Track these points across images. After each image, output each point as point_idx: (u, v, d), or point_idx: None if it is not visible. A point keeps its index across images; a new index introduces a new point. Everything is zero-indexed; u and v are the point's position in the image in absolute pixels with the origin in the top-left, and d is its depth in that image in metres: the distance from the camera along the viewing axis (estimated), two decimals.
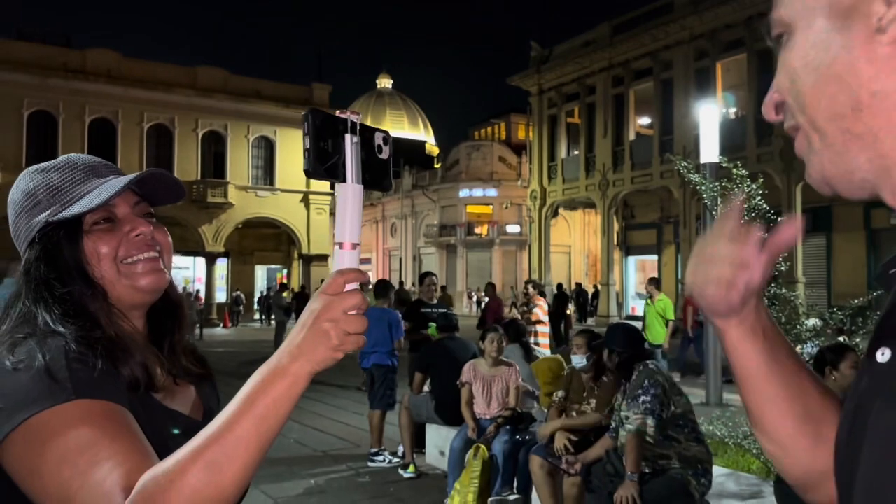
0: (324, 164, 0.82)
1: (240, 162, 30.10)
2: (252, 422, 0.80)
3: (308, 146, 0.81)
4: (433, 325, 6.97)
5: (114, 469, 0.82)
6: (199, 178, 28.88)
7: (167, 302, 1.14)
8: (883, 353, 0.59)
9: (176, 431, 1.01)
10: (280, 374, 0.81)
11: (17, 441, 0.85)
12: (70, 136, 26.65)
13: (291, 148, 31.11)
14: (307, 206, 31.55)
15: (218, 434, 0.81)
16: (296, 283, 30.53)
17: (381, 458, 6.48)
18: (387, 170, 0.88)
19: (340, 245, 0.84)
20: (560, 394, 4.88)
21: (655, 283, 12.13)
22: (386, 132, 0.89)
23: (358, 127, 0.83)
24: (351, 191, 0.83)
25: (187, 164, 28.60)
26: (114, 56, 27.97)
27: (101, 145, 27.35)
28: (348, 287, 0.83)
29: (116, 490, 0.81)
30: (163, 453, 0.85)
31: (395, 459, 6.46)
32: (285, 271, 33.06)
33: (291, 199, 31.03)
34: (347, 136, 0.83)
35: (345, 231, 0.84)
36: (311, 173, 0.82)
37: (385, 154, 0.88)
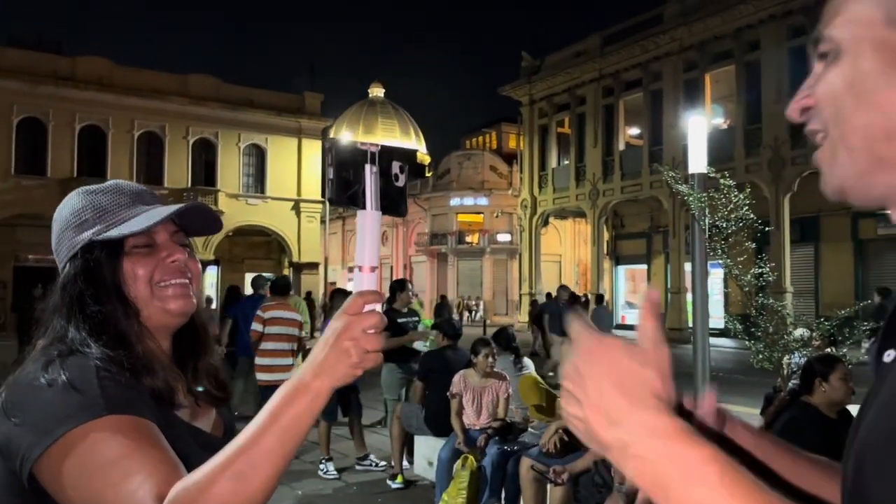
0: (346, 192, 0.88)
1: (231, 170, 30.03)
2: (276, 435, 0.86)
3: (332, 176, 0.88)
4: (427, 321, 6.90)
5: (146, 480, 0.87)
6: (189, 185, 28.80)
7: (192, 326, 1.20)
8: (889, 355, 0.61)
9: (198, 447, 1.04)
10: (303, 391, 0.88)
11: (54, 455, 0.90)
12: (60, 143, 26.55)
13: (283, 156, 31.08)
14: (298, 213, 31.48)
15: (245, 447, 0.86)
16: None
17: (322, 467, 6.38)
18: (403, 196, 0.94)
19: (360, 268, 0.90)
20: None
21: None
22: (404, 161, 0.95)
23: (377, 157, 0.89)
24: (370, 217, 0.89)
25: (178, 172, 28.52)
26: (105, 63, 27.88)
27: (92, 153, 27.27)
28: (367, 308, 0.88)
29: (149, 500, 0.85)
30: (186, 468, 0.90)
31: (333, 473, 6.34)
32: (288, 279, 32.89)
33: (282, 207, 30.96)
34: (367, 167, 0.89)
35: (364, 255, 0.90)
36: (334, 201, 0.90)
37: (401, 182, 0.94)
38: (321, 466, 6.40)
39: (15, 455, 0.92)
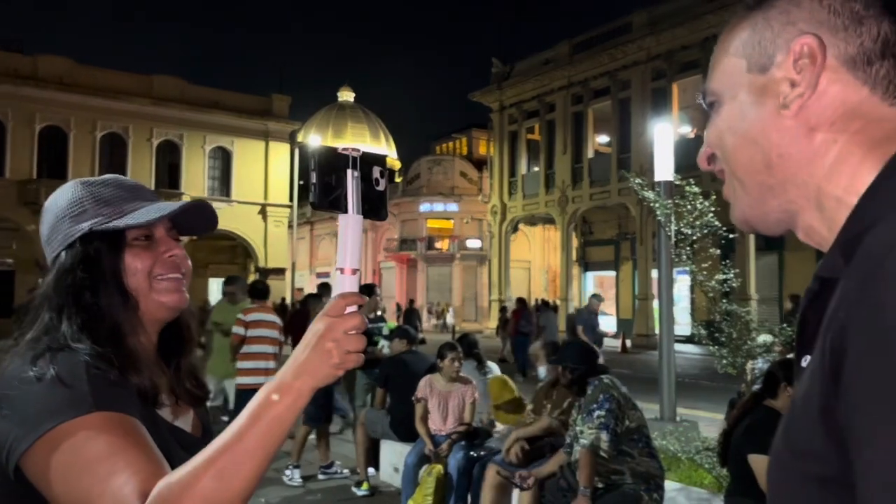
0: (328, 196, 0.91)
1: (195, 172, 29.63)
2: (258, 434, 0.88)
3: (315, 181, 0.90)
4: (391, 324, 6.89)
5: (131, 477, 0.88)
6: (153, 188, 28.29)
7: (178, 323, 1.21)
8: (805, 359, 0.66)
9: (178, 447, 1.05)
10: (285, 391, 0.89)
11: (41, 450, 0.91)
12: (19, 144, 25.99)
13: (249, 159, 30.76)
14: (265, 218, 31.17)
15: (227, 445, 0.87)
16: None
17: (288, 473, 6.30)
18: (383, 200, 0.96)
19: (342, 270, 0.92)
20: (529, 407, 4.92)
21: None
22: (383, 166, 0.97)
23: (358, 162, 0.92)
24: (352, 221, 0.92)
25: (141, 174, 28.03)
26: (66, 62, 27.36)
27: (53, 153, 26.72)
28: (349, 309, 0.90)
29: (133, 496, 0.87)
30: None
31: (298, 481, 6.27)
32: (267, 283, 32.49)
33: (248, 211, 30.62)
34: (349, 171, 0.91)
35: (346, 258, 0.92)
36: (317, 205, 0.91)
37: (382, 186, 0.96)
38: (287, 473, 6.31)
39: (1, 448, 0.94)
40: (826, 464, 0.58)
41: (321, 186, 0.90)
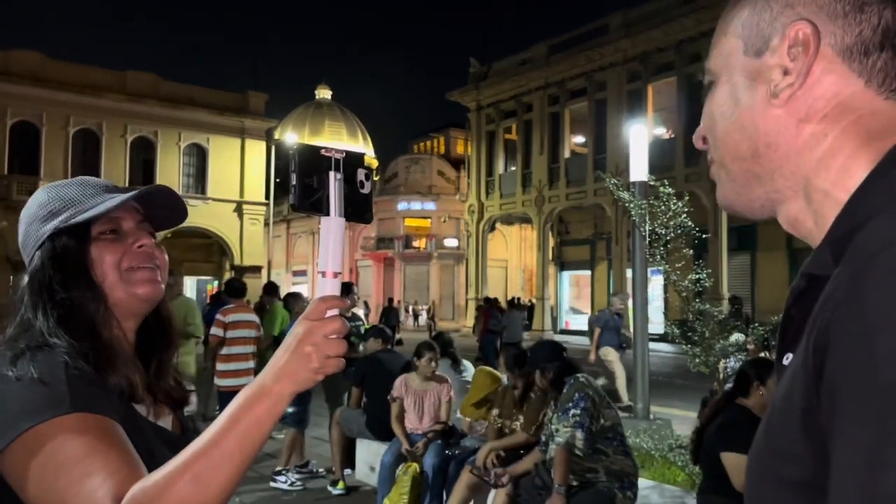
0: (309, 198, 0.88)
1: (170, 169, 29.27)
2: (236, 438, 0.87)
3: (294, 182, 0.88)
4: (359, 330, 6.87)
5: (106, 479, 0.87)
6: (127, 185, 27.61)
7: (158, 320, 1.20)
8: (787, 358, 0.65)
9: (161, 444, 1.05)
10: (264, 395, 0.88)
11: (18, 450, 0.90)
12: None
13: (225, 156, 30.46)
14: (241, 215, 30.90)
15: (204, 449, 0.86)
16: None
17: (283, 478, 6.19)
18: (368, 203, 0.95)
19: (323, 273, 0.91)
20: (495, 412, 4.89)
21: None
22: (369, 168, 0.95)
23: (342, 164, 0.90)
24: (334, 223, 0.90)
25: (115, 171, 27.64)
26: (38, 57, 26.87)
27: (24, 149, 26.25)
28: (329, 313, 0.89)
29: (107, 500, 0.86)
30: (151, 465, 0.91)
31: (296, 477, 6.22)
32: (216, 283, 32.22)
33: (224, 209, 30.33)
34: (331, 173, 0.89)
35: (327, 260, 0.91)
36: (297, 207, 0.89)
37: (367, 189, 0.94)
38: (280, 479, 6.17)
39: None
40: (805, 466, 0.57)
41: (301, 188, 0.88)
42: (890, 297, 0.51)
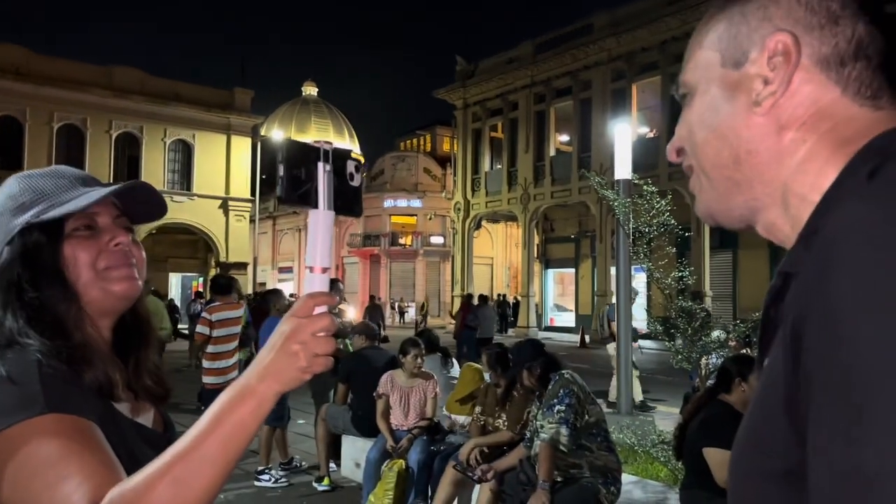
0: (297, 190, 0.85)
1: (155, 165, 29.06)
2: (219, 440, 0.83)
3: (282, 174, 0.84)
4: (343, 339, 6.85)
5: (82, 483, 0.84)
6: (111, 181, 27.45)
7: (135, 318, 1.15)
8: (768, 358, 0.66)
9: (143, 443, 1.01)
10: (248, 395, 0.84)
11: None
12: None
13: (210, 152, 30.28)
14: (226, 212, 30.73)
15: (185, 452, 0.83)
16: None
17: (266, 476, 6.19)
18: (358, 196, 0.91)
19: (311, 269, 0.87)
20: (477, 409, 4.92)
21: None
22: (358, 160, 0.92)
23: (331, 155, 0.87)
24: (322, 217, 0.87)
25: (100, 167, 27.40)
26: (21, 52, 26.57)
27: (7, 144, 25.96)
28: (318, 310, 0.85)
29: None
30: (131, 464, 0.87)
31: (280, 473, 6.25)
32: (201, 279, 32.05)
33: (209, 205, 30.15)
34: (320, 165, 0.86)
35: (316, 255, 0.87)
36: (284, 200, 0.85)
37: (356, 181, 0.91)
38: (263, 478, 6.16)
39: None
40: (788, 457, 0.57)
41: (289, 180, 0.84)
42: (852, 282, 0.53)
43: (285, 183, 0.84)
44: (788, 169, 0.68)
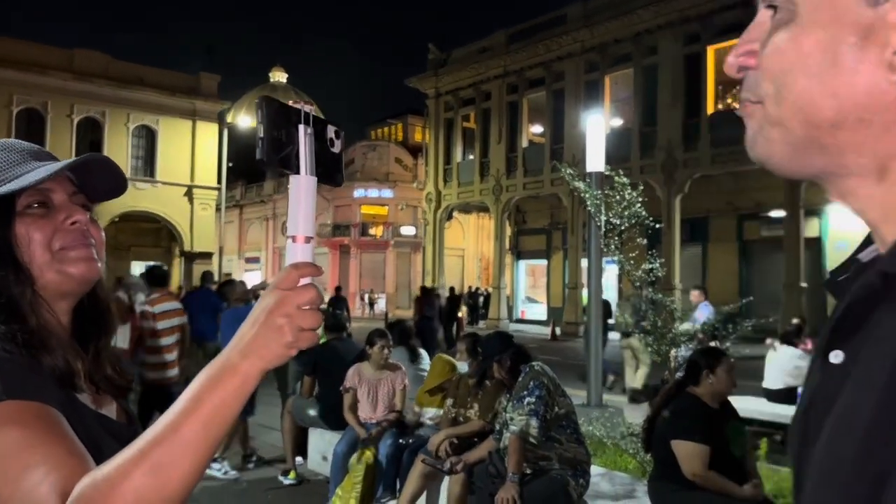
0: (278, 153, 0.79)
1: (118, 151, 28.35)
2: (199, 423, 0.76)
3: (262, 135, 0.78)
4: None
5: (48, 474, 0.78)
6: None
7: (95, 303, 1.09)
8: (836, 355, 0.58)
9: (107, 435, 0.95)
10: (229, 373, 0.78)
11: None
12: None
13: (175, 138, 29.71)
14: (191, 200, 30.19)
15: (163, 436, 0.76)
16: (176, 282, 29.12)
17: (217, 465, 6.00)
18: (339, 164, 0.87)
19: (294, 238, 0.82)
20: (449, 402, 4.88)
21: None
22: (338, 125, 0.87)
23: (311, 118, 0.82)
24: (304, 182, 0.81)
25: (60, 153, 25.82)
26: None
27: None
28: (303, 281, 0.80)
29: (52, 496, 0.77)
30: (97, 457, 0.81)
31: (233, 473, 6.08)
32: (165, 269, 31.50)
33: (174, 193, 29.58)
34: (301, 127, 0.81)
35: (298, 224, 0.82)
36: (265, 163, 0.79)
37: (337, 148, 0.86)
38: (215, 466, 5.97)
39: None
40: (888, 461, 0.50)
41: (269, 141, 0.78)
42: None
43: (266, 145, 0.78)
44: None
